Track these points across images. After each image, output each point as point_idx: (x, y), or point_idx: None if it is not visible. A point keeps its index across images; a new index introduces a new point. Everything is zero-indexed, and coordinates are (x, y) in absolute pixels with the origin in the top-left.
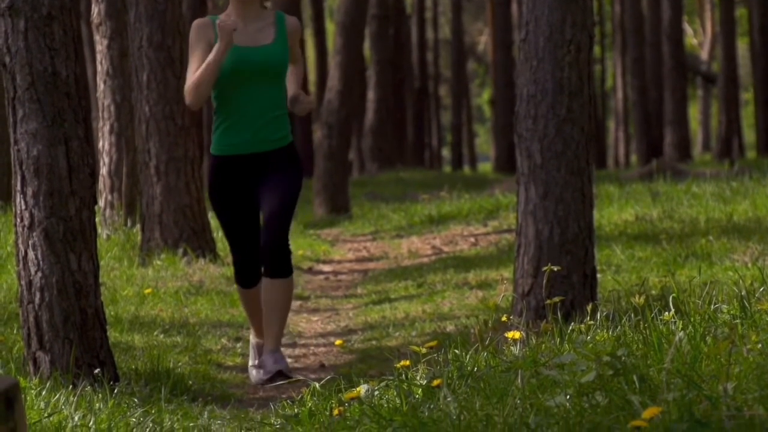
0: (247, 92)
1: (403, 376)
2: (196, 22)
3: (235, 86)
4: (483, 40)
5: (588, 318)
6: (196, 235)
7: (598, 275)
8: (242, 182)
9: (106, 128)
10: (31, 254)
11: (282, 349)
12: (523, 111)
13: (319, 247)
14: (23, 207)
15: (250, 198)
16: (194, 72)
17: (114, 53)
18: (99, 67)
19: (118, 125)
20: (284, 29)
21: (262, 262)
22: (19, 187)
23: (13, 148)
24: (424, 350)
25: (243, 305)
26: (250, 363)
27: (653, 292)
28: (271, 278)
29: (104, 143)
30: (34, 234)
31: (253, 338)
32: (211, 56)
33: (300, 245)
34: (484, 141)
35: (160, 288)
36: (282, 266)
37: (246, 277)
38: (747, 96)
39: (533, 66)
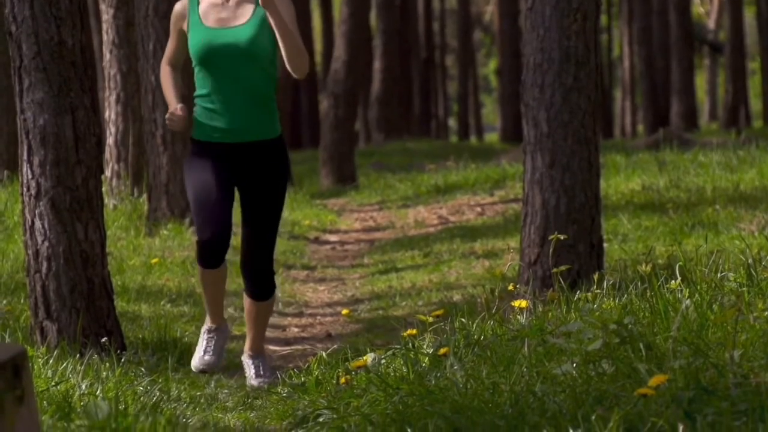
0: (221, 76)
1: (410, 344)
2: (176, 7)
3: (208, 69)
4: (489, 9)
5: (594, 287)
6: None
7: (605, 244)
8: (223, 167)
9: (113, 98)
10: (37, 224)
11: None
12: (529, 80)
13: (326, 217)
14: (30, 176)
15: (229, 183)
16: (168, 57)
17: (120, 22)
18: (105, 37)
19: (125, 95)
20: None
21: (245, 281)
22: (25, 157)
23: (19, 118)
24: (430, 319)
25: (203, 287)
26: (195, 355)
27: (660, 261)
28: (251, 299)
29: (110, 113)
30: (41, 203)
31: (205, 324)
32: (168, 101)
33: (306, 215)
34: (491, 111)
35: (167, 258)
36: (265, 290)
37: (210, 255)
38: (754, 65)
39: (540, 35)
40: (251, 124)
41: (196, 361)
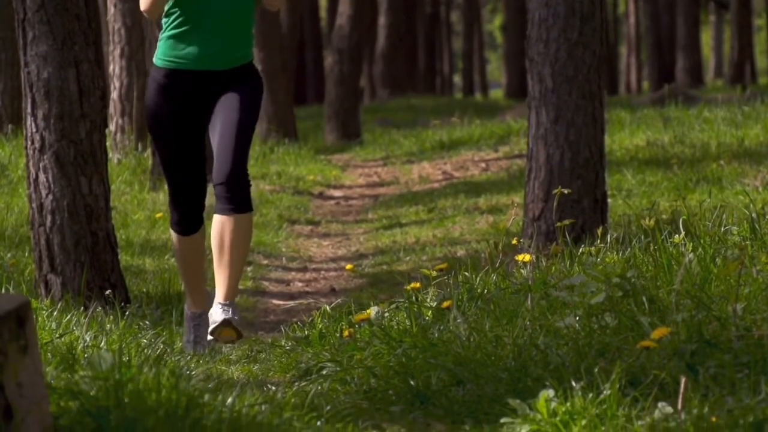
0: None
1: (414, 298)
2: None
3: None
4: None
5: (598, 241)
6: (208, 160)
7: (609, 200)
8: (190, 104)
9: (117, 52)
10: (42, 177)
11: (237, 301)
12: (534, 35)
13: (330, 173)
14: (34, 130)
15: (198, 124)
16: None
17: None
18: None
19: (129, 49)
20: None
21: (217, 196)
22: (29, 110)
23: (23, 71)
24: (434, 273)
25: (179, 260)
26: (185, 338)
27: (664, 216)
28: (227, 215)
29: (115, 67)
30: (45, 157)
31: (188, 308)
32: None
33: (311, 170)
34: (496, 68)
35: None
36: (241, 199)
37: (187, 220)
38: (760, 22)
39: None
40: (232, 50)
41: (188, 347)
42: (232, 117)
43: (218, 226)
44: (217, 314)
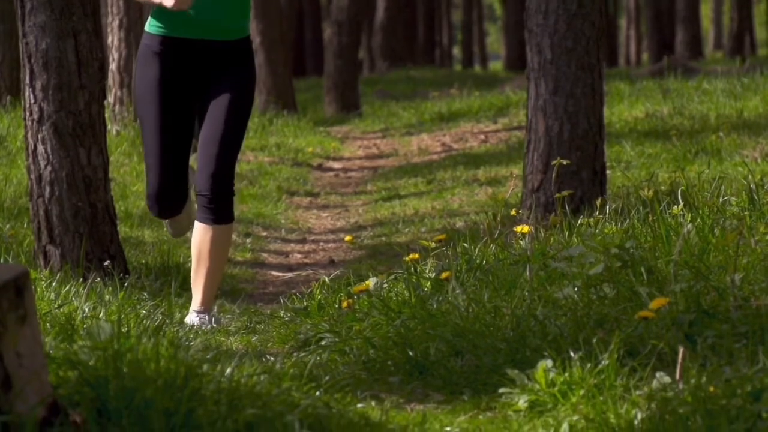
0: None
1: (412, 269)
2: None
3: None
4: None
5: (597, 212)
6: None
7: (608, 171)
8: (184, 76)
9: (115, 23)
10: (40, 148)
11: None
12: (533, 6)
13: (329, 144)
14: (32, 101)
15: (189, 102)
16: None
17: None
18: None
19: (127, 20)
20: None
21: (199, 204)
22: (28, 81)
23: (21, 42)
24: (433, 244)
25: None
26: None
27: (662, 187)
28: (207, 224)
29: (113, 39)
30: (44, 128)
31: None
32: None
33: (310, 142)
34: (495, 40)
35: None
36: (223, 211)
37: (164, 206)
38: None
39: None
40: (231, 19)
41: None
42: (220, 121)
43: (198, 234)
44: (191, 322)
